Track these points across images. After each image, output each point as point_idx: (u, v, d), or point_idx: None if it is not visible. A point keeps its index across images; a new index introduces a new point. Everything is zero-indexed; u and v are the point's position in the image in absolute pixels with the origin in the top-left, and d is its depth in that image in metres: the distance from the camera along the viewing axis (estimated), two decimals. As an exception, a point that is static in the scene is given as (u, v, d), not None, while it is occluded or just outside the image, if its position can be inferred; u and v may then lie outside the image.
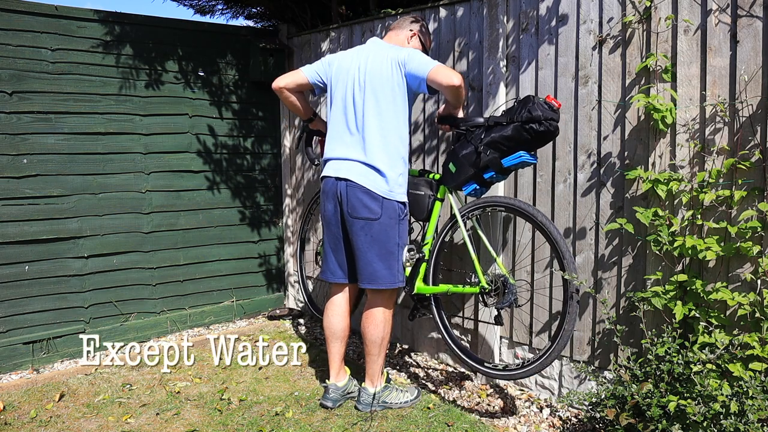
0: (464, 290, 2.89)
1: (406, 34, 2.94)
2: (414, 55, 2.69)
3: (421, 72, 2.64)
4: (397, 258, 2.77)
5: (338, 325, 2.96)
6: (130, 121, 3.89)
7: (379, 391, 2.91)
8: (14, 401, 3.12)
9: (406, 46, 2.88)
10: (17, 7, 3.47)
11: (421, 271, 2.98)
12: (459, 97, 2.69)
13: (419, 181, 3.01)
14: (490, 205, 2.78)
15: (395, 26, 2.99)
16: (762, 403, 1.99)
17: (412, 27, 2.95)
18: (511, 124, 2.59)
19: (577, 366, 2.82)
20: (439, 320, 2.98)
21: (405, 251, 2.83)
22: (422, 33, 2.96)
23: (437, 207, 2.97)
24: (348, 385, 3.02)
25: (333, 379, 2.99)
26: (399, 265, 2.79)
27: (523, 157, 2.61)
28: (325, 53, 4.17)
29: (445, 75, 2.58)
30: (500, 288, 2.73)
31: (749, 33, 2.25)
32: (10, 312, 3.55)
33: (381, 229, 2.70)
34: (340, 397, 2.98)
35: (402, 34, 2.94)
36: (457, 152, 2.78)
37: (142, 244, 3.99)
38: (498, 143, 2.63)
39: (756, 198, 2.26)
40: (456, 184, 2.82)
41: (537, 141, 2.61)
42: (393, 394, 2.94)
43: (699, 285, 2.33)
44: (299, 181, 4.55)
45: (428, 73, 2.61)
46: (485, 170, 2.70)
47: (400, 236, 2.77)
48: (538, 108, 2.52)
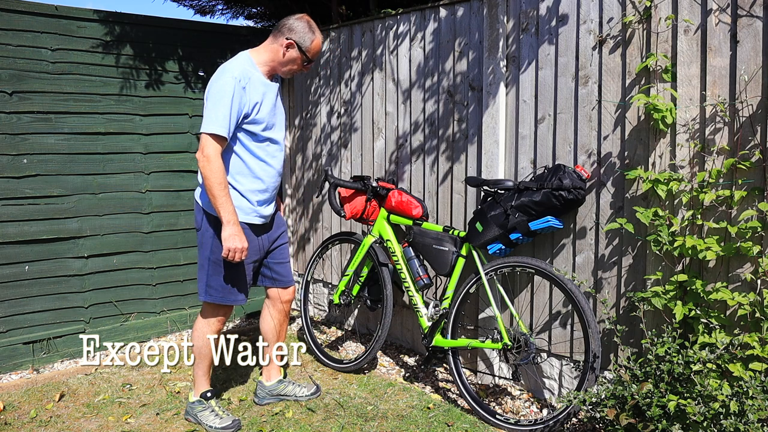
0: (486, 345, 2.91)
1: (282, 42, 2.67)
2: (207, 97, 2.58)
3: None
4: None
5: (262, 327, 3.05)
6: (130, 121, 3.89)
7: (190, 401, 2.87)
8: (14, 401, 3.12)
9: (280, 59, 2.68)
10: (17, 7, 3.47)
11: (440, 324, 3.06)
12: (202, 171, 2.52)
13: (443, 237, 3.10)
14: (520, 266, 2.81)
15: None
16: (762, 403, 1.99)
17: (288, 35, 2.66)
18: (541, 190, 2.69)
19: (577, 366, 2.82)
20: (457, 374, 2.99)
21: (431, 307, 2.99)
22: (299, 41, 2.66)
23: (460, 263, 3.03)
24: (277, 385, 3.07)
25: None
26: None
27: (551, 221, 2.71)
28: (325, 53, 4.17)
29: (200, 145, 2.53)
30: (521, 345, 2.77)
31: (749, 33, 2.25)
32: (10, 312, 3.55)
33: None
34: (268, 395, 3.06)
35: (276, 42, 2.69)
36: (486, 212, 2.86)
37: (142, 244, 3.99)
38: (527, 207, 2.73)
39: (756, 198, 2.26)
40: (482, 242, 2.89)
41: (565, 208, 2.70)
42: (204, 414, 2.81)
43: (699, 285, 2.33)
44: (299, 181, 4.55)
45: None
46: (512, 231, 2.80)
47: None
48: (567, 177, 2.64)
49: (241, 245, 2.55)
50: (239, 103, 2.53)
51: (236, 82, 2.51)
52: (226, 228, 2.53)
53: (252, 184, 2.68)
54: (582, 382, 2.59)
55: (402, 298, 3.73)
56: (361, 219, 3.50)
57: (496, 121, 3.07)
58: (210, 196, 2.53)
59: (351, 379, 3.37)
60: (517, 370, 2.89)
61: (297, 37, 2.65)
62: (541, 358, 2.99)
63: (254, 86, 2.59)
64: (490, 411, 2.82)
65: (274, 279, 2.96)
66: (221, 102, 2.49)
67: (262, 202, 2.74)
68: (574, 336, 2.87)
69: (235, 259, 2.57)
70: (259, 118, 2.62)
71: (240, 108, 2.54)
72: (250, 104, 2.57)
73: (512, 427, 2.72)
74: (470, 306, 3.27)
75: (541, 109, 2.92)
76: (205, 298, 2.75)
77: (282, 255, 2.96)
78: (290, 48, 2.66)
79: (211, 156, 2.49)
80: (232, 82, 2.51)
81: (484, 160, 3.14)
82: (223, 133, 2.50)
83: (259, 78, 2.64)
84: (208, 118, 2.51)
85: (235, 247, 2.54)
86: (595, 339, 2.58)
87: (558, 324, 2.93)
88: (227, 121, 2.50)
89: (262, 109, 2.62)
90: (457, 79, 3.31)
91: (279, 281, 2.97)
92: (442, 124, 3.40)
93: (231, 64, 2.60)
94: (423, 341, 3.14)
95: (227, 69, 2.57)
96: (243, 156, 2.64)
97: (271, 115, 2.68)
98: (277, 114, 2.75)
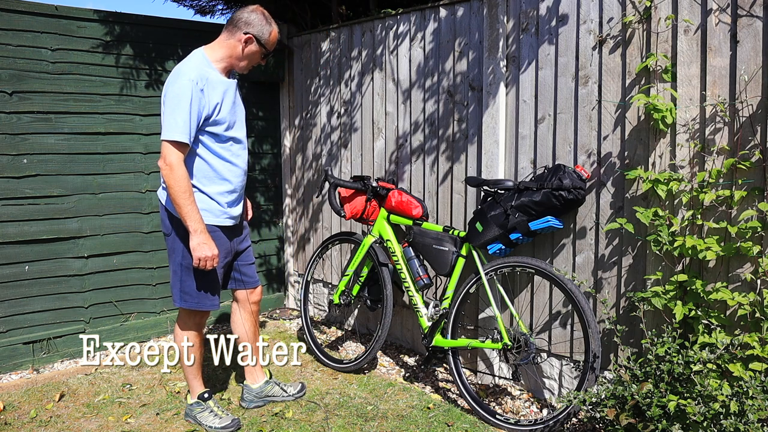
0: (486, 345, 2.91)
1: (239, 37, 2.58)
2: (164, 101, 2.51)
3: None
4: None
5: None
6: (130, 121, 3.89)
7: (189, 403, 2.87)
8: (14, 401, 3.12)
9: (238, 53, 2.62)
10: (17, 7, 3.46)
11: (440, 324, 3.06)
12: (166, 180, 2.46)
13: (443, 237, 3.10)
14: (520, 266, 2.81)
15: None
16: (762, 403, 1.99)
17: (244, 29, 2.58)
18: (541, 190, 2.69)
19: (577, 366, 2.82)
20: (457, 374, 2.99)
21: (431, 307, 2.96)
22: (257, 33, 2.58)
23: (460, 263, 3.03)
24: (264, 387, 3.04)
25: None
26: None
27: (551, 221, 2.71)
28: (325, 53, 4.17)
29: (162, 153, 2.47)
30: (521, 345, 2.77)
31: (749, 33, 2.25)
32: (10, 312, 3.55)
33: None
34: (255, 398, 3.04)
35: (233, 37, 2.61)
36: (486, 212, 2.86)
37: (142, 244, 3.99)
38: (527, 207, 2.73)
39: (756, 198, 2.26)
40: (482, 242, 2.89)
41: (565, 208, 2.70)
42: (203, 415, 2.82)
43: (699, 285, 2.33)
44: (299, 181, 4.55)
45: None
46: (512, 231, 2.80)
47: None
48: (567, 177, 2.65)
49: (211, 253, 2.51)
50: (198, 106, 2.46)
51: (193, 85, 2.44)
52: (193, 237, 2.49)
53: (220, 187, 2.62)
54: (582, 382, 2.59)
55: (402, 298, 3.73)
56: (361, 219, 3.50)
57: (496, 121, 3.07)
58: (175, 205, 2.47)
59: (351, 379, 3.37)
60: (517, 370, 2.89)
61: (255, 30, 2.58)
62: (541, 358, 2.99)
63: (212, 87, 2.53)
64: (490, 411, 2.82)
65: (241, 281, 2.90)
66: (179, 107, 2.42)
67: (232, 203, 2.69)
68: (574, 336, 2.87)
69: (207, 268, 2.53)
70: (221, 119, 2.56)
71: (200, 111, 2.47)
72: (210, 106, 2.51)
73: (512, 427, 2.72)
74: (470, 306, 3.27)
75: (541, 109, 2.92)
76: (180, 304, 2.71)
77: (248, 257, 2.91)
78: (249, 42, 2.58)
79: (174, 164, 2.44)
80: (189, 85, 2.44)
81: (484, 160, 3.14)
82: (184, 140, 2.44)
83: (217, 77, 2.57)
84: (167, 125, 2.44)
85: (206, 256, 2.50)
86: (595, 339, 2.58)
87: (558, 324, 2.93)
88: (187, 127, 2.44)
89: (222, 109, 2.56)
90: (457, 79, 3.31)
91: (247, 283, 2.92)
92: (442, 124, 3.40)
93: (186, 66, 2.53)
94: (423, 341, 3.14)
95: (182, 72, 2.49)
96: (207, 159, 2.59)
97: (232, 114, 2.62)
98: (237, 112, 2.68)
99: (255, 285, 2.96)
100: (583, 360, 2.63)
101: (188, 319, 2.77)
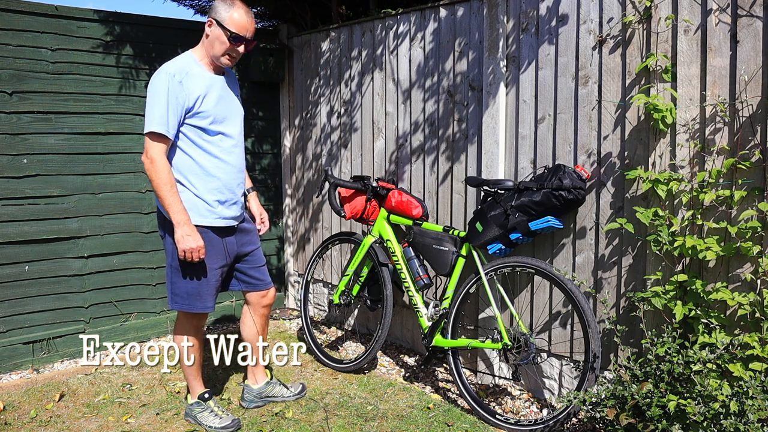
0: (486, 345, 2.91)
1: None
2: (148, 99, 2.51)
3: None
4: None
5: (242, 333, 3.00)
6: (130, 121, 3.89)
7: (189, 403, 2.87)
8: (14, 401, 3.12)
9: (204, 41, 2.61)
10: (17, 7, 3.46)
11: (440, 324, 3.06)
12: (148, 173, 2.48)
13: (443, 237, 3.10)
14: (521, 266, 2.81)
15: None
16: (762, 403, 1.99)
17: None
18: (541, 190, 2.69)
19: (577, 366, 2.82)
20: (457, 374, 2.98)
21: (431, 307, 2.95)
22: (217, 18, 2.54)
23: (460, 263, 3.03)
24: (264, 387, 3.04)
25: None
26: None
27: (551, 221, 2.71)
28: (325, 53, 4.17)
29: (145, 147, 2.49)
30: (521, 345, 2.77)
31: (749, 33, 2.25)
32: (10, 312, 3.55)
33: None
34: (256, 398, 3.04)
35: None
36: (486, 212, 2.86)
37: (142, 244, 3.99)
38: (527, 207, 2.73)
39: (756, 198, 2.26)
40: (482, 242, 2.89)
41: (565, 208, 2.70)
42: (203, 415, 2.81)
43: (699, 285, 2.33)
44: (299, 181, 4.55)
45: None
46: (512, 231, 2.80)
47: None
48: (567, 177, 2.64)
49: (196, 244, 2.48)
50: (176, 97, 2.45)
51: (170, 77, 2.45)
52: (177, 229, 2.47)
53: (207, 183, 2.58)
54: (582, 382, 2.59)
55: (402, 298, 3.73)
56: (361, 219, 3.50)
57: (496, 121, 3.07)
58: (158, 197, 2.48)
59: (351, 379, 3.37)
60: (517, 370, 2.89)
61: (214, 13, 2.55)
62: (541, 358, 2.99)
63: (194, 79, 2.52)
64: (490, 411, 2.82)
65: (251, 284, 2.87)
66: (156, 99, 2.44)
67: (224, 202, 2.64)
68: (574, 336, 2.87)
69: (193, 259, 2.51)
70: (204, 111, 2.54)
71: (178, 102, 2.46)
72: (191, 97, 2.50)
73: (512, 427, 2.72)
74: (470, 306, 3.27)
75: (541, 109, 2.92)
76: (171, 305, 2.70)
77: (256, 259, 2.87)
78: (210, 27, 2.55)
79: (155, 157, 2.44)
80: (165, 78, 2.46)
81: (484, 160, 3.15)
82: (162, 131, 2.44)
83: (201, 71, 2.57)
84: (146, 119, 2.46)
85: (190, 248, 2.48)
86: (595, 339, 2.58)
87: (558, 324, 2.93)
88: (165, 119, 2.44)
89: (206, 102, 2.54)
90: (457, 79, 3.31)
91: (257, 285, 2.89)
92: (442, 124, 3.40)
93: (168, 63, 2.55)
94: (423, 341, 3.14)
95: (162, 68, 2.52)
96: (192, 154, 2.56)
97: (220, 108, 2.60)
98: (228, 107, 2.66)
99: (267, 287, 2.93)
100: (583, 360, 2.63)
101: (185, 321, 2.76)
